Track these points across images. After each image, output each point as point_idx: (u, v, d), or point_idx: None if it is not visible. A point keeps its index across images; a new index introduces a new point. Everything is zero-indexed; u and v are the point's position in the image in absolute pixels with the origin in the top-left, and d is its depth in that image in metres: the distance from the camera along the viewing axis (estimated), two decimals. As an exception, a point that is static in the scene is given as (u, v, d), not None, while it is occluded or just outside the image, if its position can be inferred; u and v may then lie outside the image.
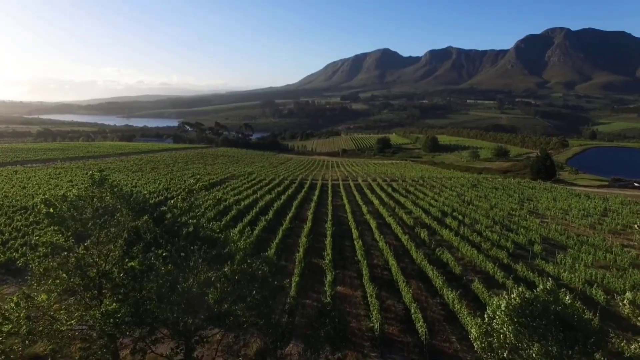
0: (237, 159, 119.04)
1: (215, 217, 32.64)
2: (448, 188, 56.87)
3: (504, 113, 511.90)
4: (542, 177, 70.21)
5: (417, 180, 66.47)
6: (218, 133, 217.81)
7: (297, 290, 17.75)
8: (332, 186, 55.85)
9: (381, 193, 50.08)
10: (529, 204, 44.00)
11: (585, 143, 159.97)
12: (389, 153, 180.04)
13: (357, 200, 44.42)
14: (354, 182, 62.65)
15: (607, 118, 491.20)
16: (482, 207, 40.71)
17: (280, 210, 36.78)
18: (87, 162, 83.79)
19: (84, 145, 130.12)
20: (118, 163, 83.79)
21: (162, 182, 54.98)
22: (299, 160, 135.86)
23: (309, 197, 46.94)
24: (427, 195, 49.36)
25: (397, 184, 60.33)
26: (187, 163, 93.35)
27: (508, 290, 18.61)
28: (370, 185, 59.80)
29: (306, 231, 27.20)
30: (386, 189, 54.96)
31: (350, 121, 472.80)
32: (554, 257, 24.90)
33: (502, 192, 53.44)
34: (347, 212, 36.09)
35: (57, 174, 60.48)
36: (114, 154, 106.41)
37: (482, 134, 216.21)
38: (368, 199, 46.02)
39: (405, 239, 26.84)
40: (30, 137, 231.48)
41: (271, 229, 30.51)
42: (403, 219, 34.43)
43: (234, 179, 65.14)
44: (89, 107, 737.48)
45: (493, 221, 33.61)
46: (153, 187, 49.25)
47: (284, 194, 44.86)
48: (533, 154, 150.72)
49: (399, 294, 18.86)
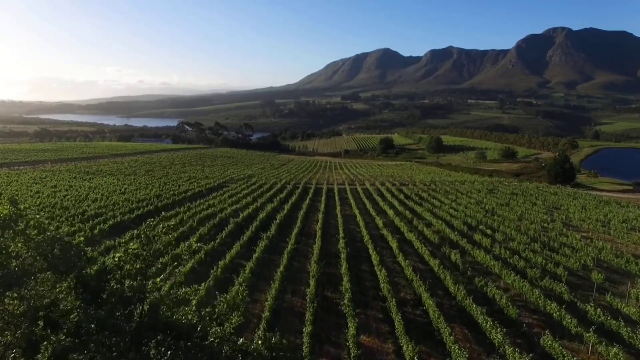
0: (237, 160, 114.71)
1: (209, 232, 28.34)
2: (464, 194, 52.57)
3: (505, 113, 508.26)
4: (561, 181, 65.90)
5: (428, 185, 62.19)
6: (218, 133, 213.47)
7: (310, 346, 13.42)
8: (338, 191, 51.54)
9: (393, 200, 45.75)
10: (558, 214, 39.65)
11: (597, 144, 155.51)
12: (392, 154, 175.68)
13: (368, 210, 40.09)
14: (361, 187, 58.32)
15: (609, 118, 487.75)
16: (509, 218, 36.39)
17: (284, 223, 32.47)
18: (79, 164, 79.42)
19: (79, 146, 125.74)
20: (111, 165, 79.44)
21: (155, 187, 50.63)
22: (301, 161, 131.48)
23: (315, 205, 42.63)
24: (443, 203, 45.06)
25: (408, 189, 56.03)
26: (185, 165, 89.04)
27: (589, 345, 14.27)
28: (379, 190, 55.49)
29: (316, 253, 22.86)
30: (397, 195, 50.63)
31: (351, 121, 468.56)
32: (616, 286, 20.64)
33: (524, 199, 49.15)
34: (360, 226, 31.76)
35: (42, 177, 56.12)
36: (109, 155, 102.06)
37: (487, 135, 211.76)
38: (380, 208, 41.70)
39: (434, 263, 22.49)
40: (27, 137, 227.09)
41: (274, 248, 26.20)
42: (425, 235, 30.06)
43: (232, 183, 60.82)
44: (89, 107, 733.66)
45: (527, 236, 29.30)
46: (144, 193, 44.89)
47: (287, 202, 40.49)
48: (541, 155, 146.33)
49: (442, 347, 14.55)
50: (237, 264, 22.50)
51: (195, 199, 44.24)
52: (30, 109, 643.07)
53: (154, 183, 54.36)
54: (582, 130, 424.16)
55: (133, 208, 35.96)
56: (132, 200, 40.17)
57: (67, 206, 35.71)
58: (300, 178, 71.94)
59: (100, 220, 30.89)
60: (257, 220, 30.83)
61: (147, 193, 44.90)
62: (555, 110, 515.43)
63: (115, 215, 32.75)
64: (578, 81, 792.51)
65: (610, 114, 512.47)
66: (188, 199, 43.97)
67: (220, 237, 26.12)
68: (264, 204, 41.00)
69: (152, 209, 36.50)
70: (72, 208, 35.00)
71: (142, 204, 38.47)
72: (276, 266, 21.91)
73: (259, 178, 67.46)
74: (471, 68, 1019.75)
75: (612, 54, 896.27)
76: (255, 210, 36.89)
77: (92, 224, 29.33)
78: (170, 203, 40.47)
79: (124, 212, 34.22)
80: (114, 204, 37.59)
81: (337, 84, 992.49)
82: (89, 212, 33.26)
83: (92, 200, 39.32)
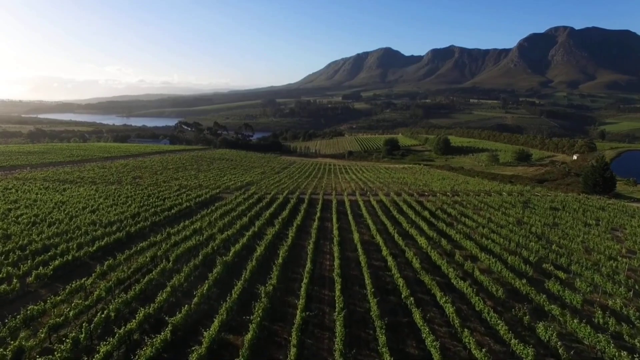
0: (236, 163, 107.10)
1: (186, 280, 20.78)
2: (496, 209, 44.98)
3: (508, 113, 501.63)
4: (599, 191, 58.23)
5: (449, 196, 54.58)
6: (217, 134, 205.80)
7: None
8: (350, 205, 43.96)
9: (417, 219, 38.15)
10: (631, 241, 31.90)
11: (617, 146, 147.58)
12: (397, 155, 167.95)
13: (391, 234, 32.53)
14: (375, 198, 50.70)
15: (613, 118, 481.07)
16: (575, 250, 28.75)
17: (288, 259, 24.92)
18: (61, 169, 71.88)
19: (70, 147, 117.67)
20: (97, 170, 71.85)
21: (136, 201, 42.94)
22: (303, 163, 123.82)
23: (325, 226, 35.08)
24: (476, 222, 37.49)
25: (430, 202, 48.46)
26: (178, 169, 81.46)
27: None
28: (397, 203, 47.91)
29: (339, 331, 15.21)
30: (420, 211, 43.04)
31: (352, 121, 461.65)
32: None
33: (570, 216, 41.51)
34: (389, 262, 24.17)
35: (8, 188, 48.51)
36: (98, 158, 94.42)
37: (496, 135, 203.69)
38: (405, 231, 34.12)
39: (514, 344, 14.87)
40: (21, 138, 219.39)
41: (276, 312, 18.53)
42: (479, 281, 22.36)
43: (228, 193, 53.23)
44: (89, 107, 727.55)
45: (620, 284, 21.73)
46: (119, 211, 37.20)
47: (291, 225, 32.75)
48: (556, 157, 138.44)
49: None
50: (222, 347, 14.93)
51: (181, 218, 36.58)
52: (30, 108, 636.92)
53: (136, 195, 46.68)
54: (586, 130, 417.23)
55: (98, 236, 28.35)
56: (101, 222, 32.56)
57: (13, 233, 28.17)
58: (304, 186, 64.33)
59: (47, 257, 23.33)
60: (252, 259, 23.09)
61: (123, 211, 37.25)
62: (558, 110, 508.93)
63: (70, 248, 25.17)
64: (581, 81, 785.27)
65: (614, 114, 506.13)
66: (171, 219, 36.32)
67: (199, 292, 18.47)
68: (263, 226, 33.36)
69: (122, 237, 28.86)
70: (18, 236, 27.45)
71: (112, 228, 30.83)
72: (280, 348, 14.34)
73: (258, 187, 59.90)
74: (473, 67, 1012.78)
75: (615, 53, 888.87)
76: (251, 238, 29.26)
77: (31, 265, 21.77)
78: (148, 226, 32.82)
79: (84, 243, 26.70)
80: (76, 230, 29.99)
81: (338, 83, 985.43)
82: (37, 244, 25.65)
83: (51, 223, 31.68)
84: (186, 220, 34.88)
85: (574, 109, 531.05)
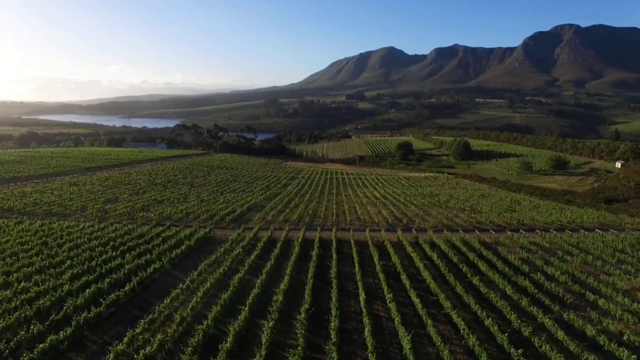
0: (236, 173, 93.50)
1: None
2: (610, 263, 31.22)
3: (516, 112, 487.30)
4: None
5: (514, 228, 40.76)
6: (217, 136, 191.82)
7: None
8: (399, 257, 30.25)
9: (511, 291, 24.39)
10: None
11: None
12: (413, 161, 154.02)
13: (477, 355, 18.83)
14: (423, 237, 36.98)
15: (624, 117, 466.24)
16: None
17: None
18: (19, 188, 58.19)
19: (51, 155, 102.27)
20: (65, 189, 58.23)
21: (78, 263, 27.20)
22: (311, 171, 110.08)
23: (380, 323, 21.43)
24: (613, 301, 23.83)
25: (499, 245, 34.75)
26: (167, 185, 67.83)
27: None
28: (458, 248, 34.25)
29: None
30: (506, 271, 29.30)
31: (357, 121, 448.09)
32: None
33: None
34: None
35: None
36: (77, 169, 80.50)
37: (517, 138, 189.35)
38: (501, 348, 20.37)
39: None
40: (10, 142, 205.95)
41: None
42: None
43: (222, 228, 39.49)
44: (90, 107, 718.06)
45: None
46: (36, 291, 22.80)
47: (324, 328, 19.01)
48: (595, 164, 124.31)
49: None
50: None
51: (131, 311, 22.49)
52: (30, 109, 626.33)
53: (80, 253, 31.85)
54: (597, 129, 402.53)
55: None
56: None
57: None
58: (321, 212, 50.15)
59: None
60: None
61: (42, 289, 22.87)
62: (566, 109, 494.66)
63: None
64: (587, 79, 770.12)
65: (625, 113, 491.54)
66: (113, 315, 22.38)
67: None
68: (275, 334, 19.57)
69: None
70: None
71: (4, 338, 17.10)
72: None
73: (262, 216, 46.25)
74: (477, 66, 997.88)
75: (623, 51, 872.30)
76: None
77: None
78: (62, 339, 19.03)
79: None
80: None
81: (342, 83, 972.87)
82: None
83: None
84: (144, 315, 20.76)
85: (582, 108, 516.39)
